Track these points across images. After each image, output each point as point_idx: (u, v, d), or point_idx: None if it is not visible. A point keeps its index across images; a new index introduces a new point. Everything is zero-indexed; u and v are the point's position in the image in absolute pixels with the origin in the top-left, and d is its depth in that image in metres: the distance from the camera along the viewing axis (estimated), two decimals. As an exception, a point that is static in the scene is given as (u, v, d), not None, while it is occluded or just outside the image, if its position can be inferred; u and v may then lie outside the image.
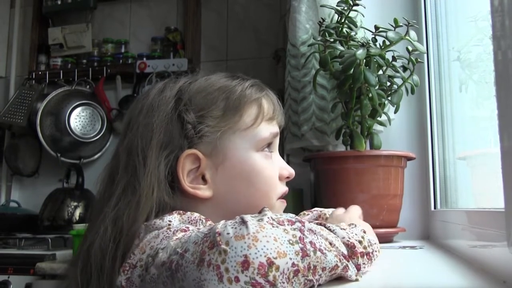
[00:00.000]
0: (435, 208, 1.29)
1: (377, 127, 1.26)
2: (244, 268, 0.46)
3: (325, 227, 0.60)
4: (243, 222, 0.49)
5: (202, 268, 0.47)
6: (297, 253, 0.49)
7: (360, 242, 0.61)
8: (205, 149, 0.68)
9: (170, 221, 0.60)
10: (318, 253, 0.52)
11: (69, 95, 2.38)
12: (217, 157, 0.68)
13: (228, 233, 0.48)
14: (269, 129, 0.72)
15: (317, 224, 0.60)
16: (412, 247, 1.06)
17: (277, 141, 0.75)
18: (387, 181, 1.15)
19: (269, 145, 0.73)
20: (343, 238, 0.59)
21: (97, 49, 2.50)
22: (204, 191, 0.68)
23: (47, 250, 1.77)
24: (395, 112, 1.24)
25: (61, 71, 2.46)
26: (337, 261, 0.55)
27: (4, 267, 1.75)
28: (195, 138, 0.68)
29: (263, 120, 0.72)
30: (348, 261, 0.57)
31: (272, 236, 0.48)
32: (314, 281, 0.52)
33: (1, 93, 2.62)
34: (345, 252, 0.58)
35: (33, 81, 2.48)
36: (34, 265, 1.62)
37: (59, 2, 2.48)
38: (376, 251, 0.65)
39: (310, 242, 0.52)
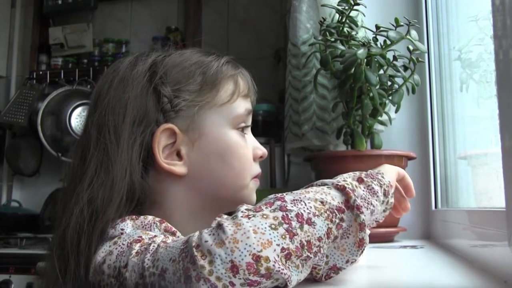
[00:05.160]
0: (436, 207, 1.29)
1: (378, 126, 1.25)
2: (235, 272, 0.45)
3: (315, 185, 0.58)
4: (220, 226, 0.48)
5: (191, 284, 0.46)
6: (283, 236, 0.48)
7: (355, 178, 0.60)
8: (181, 124, 0.66)
9: (122, 229, 0.58)
10: (306, 227, 0.49)
11: (70, 95, 2.38)
12: (194, 132, 0.67)
13: (206, 241, 0.47)
14: (244, 105, 0.71)
15: (306, 187, 0.58)
16: (413, 247, 1.06)
17: (250, 120, 0.74)
18: (388, 181, 1.15)
19: (243, 123, 0.72)
20: (332, 183, 0.56)
21: (98, 48, 2.51)
22: (179, 168, 0.66)
23: (48, 250, 1.77)
24: (396, 112, 1.24)
25: (62, 71, 2.47)
26: (328, 224, 0.51)
27: (6, 266, 1.75)
28: (172, 112, 0.66)
29: (239, 96, 0.70)
30: (343, 212, 0.54)
31: (251, 230, 0.47)
32: (313, 255, 0.50)
33: (2, 93, 2.62)
34: (340, 201, 0.54)
35: (34, 81, 2.49)
36: (35, 264, 1.63)
37: (60, 2, 2.48)
38: (380, 174, 0.62)
39: (297, 215, 0.49)
